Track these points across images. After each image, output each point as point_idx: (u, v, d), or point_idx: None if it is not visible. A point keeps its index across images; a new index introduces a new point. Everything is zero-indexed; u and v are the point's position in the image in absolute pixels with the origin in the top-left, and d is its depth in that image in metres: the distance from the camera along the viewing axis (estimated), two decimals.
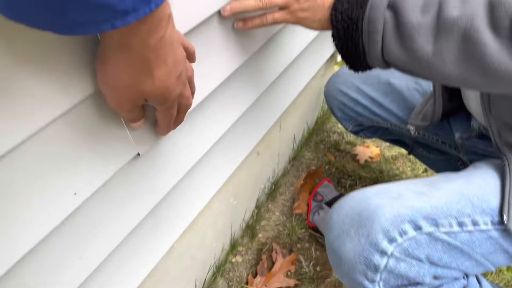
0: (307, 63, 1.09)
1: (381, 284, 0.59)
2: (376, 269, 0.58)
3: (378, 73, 1.04)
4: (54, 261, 0.50)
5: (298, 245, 1.13)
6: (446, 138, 0.92)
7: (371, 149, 1.37)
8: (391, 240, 0.58)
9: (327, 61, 1.28)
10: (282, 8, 0.59)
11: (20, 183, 0.41)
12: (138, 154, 0.55)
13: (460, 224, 0.59)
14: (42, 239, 0.46)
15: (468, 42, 0.47)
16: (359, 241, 0.59)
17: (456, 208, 0.60)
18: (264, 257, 1.10)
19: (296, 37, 0.91)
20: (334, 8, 0.57)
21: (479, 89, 0.59)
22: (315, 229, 1.15)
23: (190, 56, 0.48)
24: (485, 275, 1.05)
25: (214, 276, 1.03)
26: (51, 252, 0.49)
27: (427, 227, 0.58)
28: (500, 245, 0.60)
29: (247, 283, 1.05)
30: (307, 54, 1.05)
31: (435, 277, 0.59)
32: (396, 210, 0.59)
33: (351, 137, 1.42)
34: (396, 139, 1.14)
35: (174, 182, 0.67)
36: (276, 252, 1.11)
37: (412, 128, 0.89)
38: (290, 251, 1.12)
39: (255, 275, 1.07)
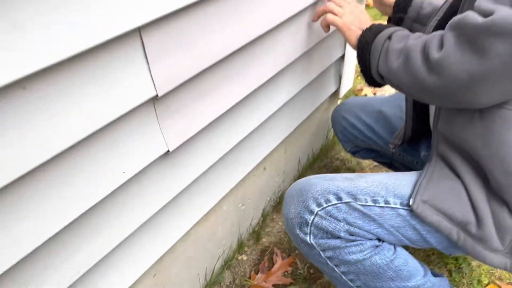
0: (311, 95, 1.32)
1: (311, 236, 0.82)
2: (306, 224, 0.82)
3: (373, 103, 1.26)
4: (102, 222, 0.74)
5: (296, 251, 1.32)
6: (418, 157, 1.12)
7: None
8: (318, 205, 0.81)
9: (331, 97, 1.51)
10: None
11: (79, 167, 0.65)
12: (168, 151, 0.79)
13: (374, 201, 0.81)
14: (94, 205, 0.69)
15: (407, 61, 0.73)
16: (298, 205, 0.84)
17: (372, 190, 0.82)
18: (266, 258, 1.29)
19: (301, 74, 1.16)
20: (363, 32, 0.86)
21: (418, 98, 0.82)
22: None
23: None
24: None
25: (222, 268, 1.23)
26: (101, 221, 0.73)
27: (346, 199, 0.81)
28: (408, 222, 0.81)
29: (249, 278, 1.24)
30: (313, 86, 1.29)
31: (350, 234, 0.80)
32: (326, 186, 0.83)
33: (351, 164, 1.62)
34: (386, 162, 1.34)
35: (193, 178, 0.90)
36: (276, 254, 1.30)
37: (391, 147, 1.10)
38: (289, 255, 1.31)
39: (257, 272, 1.26)
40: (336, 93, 1.52)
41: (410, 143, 1.12)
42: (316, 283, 1.23)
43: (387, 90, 2.04)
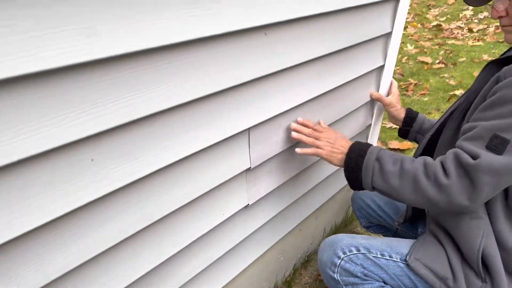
0: (337, 179, 1.74)
1: (337, 274, 1.17)
2: (335, 265, 1.17)
3: None
4: (205, 246, 1.13)
5: None
6: (415, 233, 1.49)
7: None
8: (344, 253, 1.16)
9: None
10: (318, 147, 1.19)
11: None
12: (248, 205, 1.20)
13: (382, 255, 1.16)
14: (203, 235, 1.09)
15: (415, 183, 0.99)
16: (329, 252, 1.19)
17: (381, 247, 1.17)
18: None
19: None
20: (347, 156, 1.11)
21: (420, 207, 1.11)
22: None
23: None
24: None
25: None
26: (205, 246, 1.12)
27: (363, 251, 1.16)
28: (405, 272, 1.14)
29: None
30: (339, 172, 1.71)
31: (364, 275, 1.15)
32: (350, 241, 1.19)
33: None
34: (393, 236, 1.70)
35: (257, 226, 1.30)
36: None
37: (396, 224, 1.47)
38: None
39: None
40: None
41: (410, 222, 1.49)
42: None
43: None
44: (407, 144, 2.79)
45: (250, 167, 1.13)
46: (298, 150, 1.17)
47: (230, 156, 1.06)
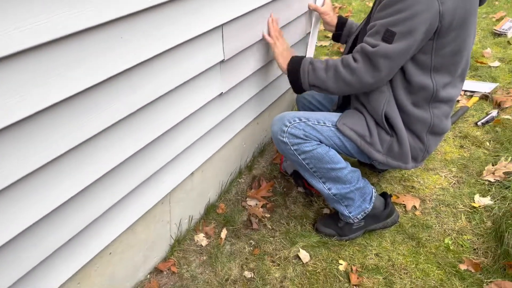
0: (284, 83, 2.08)
1: (286, 138, 1.50)
2: (283, 131, 1.50)
3: None
4: (189, 133, 1.42)
5: (274, 179, 2.04)
6: None
7: None
8: (289, 122, 1.50)
9: None
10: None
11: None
12: (222, 93, 1.49)
13: (318, 122, 1.52)
14: (181, 121, 1.38)
15: (335, 72, 1.44)
16: (279, 123, 1.51)
17: (317, 117, 1.54)
18: (256, 181, 2.00)
19: None
20: (290, 61, 1.54)
21: (342, 93, 1.57)
22: (285, 172, 2.06)
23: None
24: None
25: (230, 185, 1.92)
26: (189, 133, 1.42)
27: (304, 120, 1.51)
28: (335, 134, 1.53)
29: (245, 192, 1.94)
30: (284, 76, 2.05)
31: (306, 136, 1.50)
32: (293, 114, 1.53)
33: None
34: None
35: (230, 112, 1.60)
36: (262, 180, 2.01)
37: (332, 110, 1.87)
38: (270, 181, 2.02)
39: (250, 189, 1.96)
40: None
41: (340, 109, 1.89)
42: (288, 195, 1.95)
43: None
44: None
45: (224, 59, 1.41)
46: (265, 35, 1.63)
47: (205, 51, 1.32)
